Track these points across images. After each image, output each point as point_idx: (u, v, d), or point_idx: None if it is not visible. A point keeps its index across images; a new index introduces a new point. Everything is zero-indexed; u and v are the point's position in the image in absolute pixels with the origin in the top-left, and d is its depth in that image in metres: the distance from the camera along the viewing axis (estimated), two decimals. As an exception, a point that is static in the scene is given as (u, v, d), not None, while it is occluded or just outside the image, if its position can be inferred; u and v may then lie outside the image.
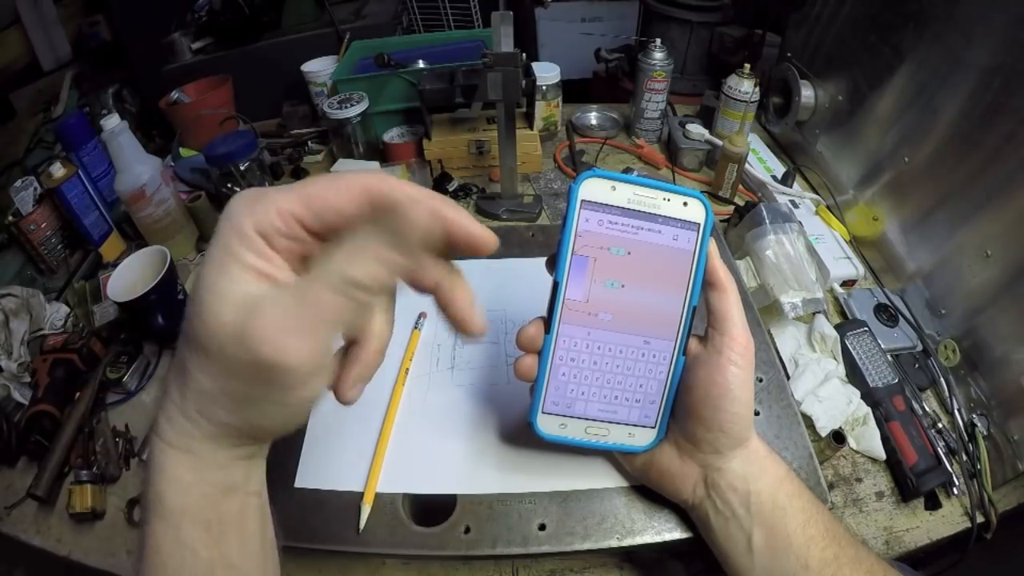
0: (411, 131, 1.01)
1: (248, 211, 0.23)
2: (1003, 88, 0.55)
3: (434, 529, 0.39)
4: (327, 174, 0.25)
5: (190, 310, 0.22)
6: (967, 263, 0.60)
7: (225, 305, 0.21)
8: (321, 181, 0.24)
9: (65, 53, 1.25)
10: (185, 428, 0.23)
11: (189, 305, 0.23)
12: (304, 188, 0.24)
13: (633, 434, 0.37)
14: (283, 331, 0.21)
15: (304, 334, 0.21)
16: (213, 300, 0.21)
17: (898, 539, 0.52)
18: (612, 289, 0.33)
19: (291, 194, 0.23)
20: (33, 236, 0.80)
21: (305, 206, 0.23)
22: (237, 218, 0.23)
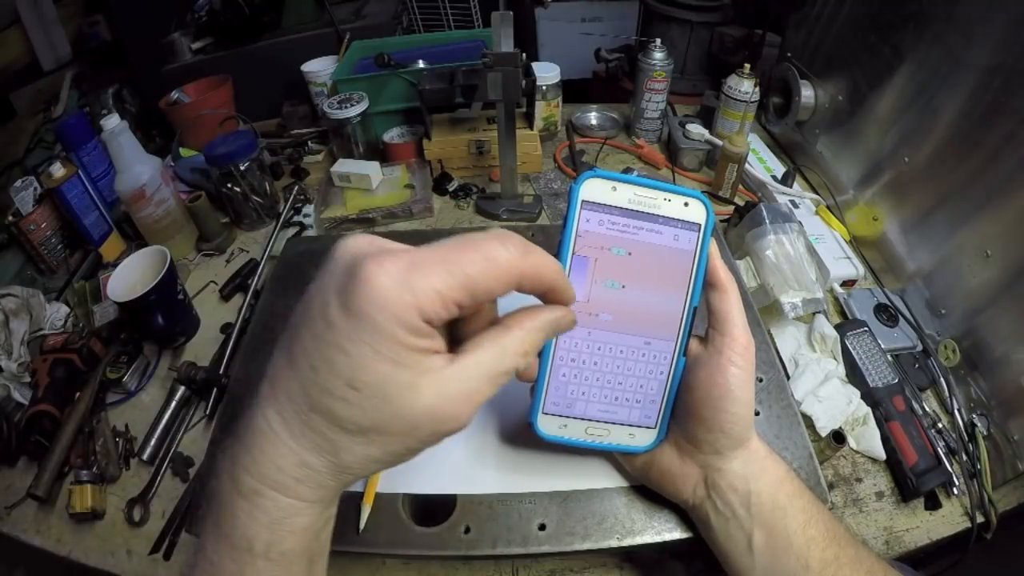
0: (411, 131, 1.01)
1: (410, 299, 0.21)
2: (1003, 88, 0.55)
3: (434, 529, 0.39)
4: (470, 237, 0.23)
5: (352, 397, 0.22)
6: (967, 263, 0.60)
7: (418, 397, 0.23)
8: (475, 260, 0.23)
9: (65, 53, 1.25)
10: (325, 484, 0.24)
11: (346, 391, 0.22)
12: (461, 270, 0.22)
13: (633, 435, 0.37)
14: (466, 406, 0.24)
15: (477, 404, 0.24)
16: (403, 395, 0.22)
17: (898, 539, 0.52)
18: (613, 289, 0.33)
19: (452, 281, 0.22)
20: (33, 236, 0.80)
21: (469, 294, 0.23)
22: (399, 309, 0.21)
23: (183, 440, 0.62)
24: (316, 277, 0.24)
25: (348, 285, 0.22)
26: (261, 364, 0.51)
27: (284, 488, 0.24)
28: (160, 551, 0.53)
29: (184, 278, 0.80)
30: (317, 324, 0.23)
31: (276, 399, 0.23)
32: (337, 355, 0.22)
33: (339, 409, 0.22)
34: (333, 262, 0.24)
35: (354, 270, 0.22)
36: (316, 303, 0.23)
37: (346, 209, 0.88)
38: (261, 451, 0.23)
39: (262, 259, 0.77)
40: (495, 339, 0.25)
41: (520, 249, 0.24)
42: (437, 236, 0.71)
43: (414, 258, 0.22)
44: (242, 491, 0.23)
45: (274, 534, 0.24)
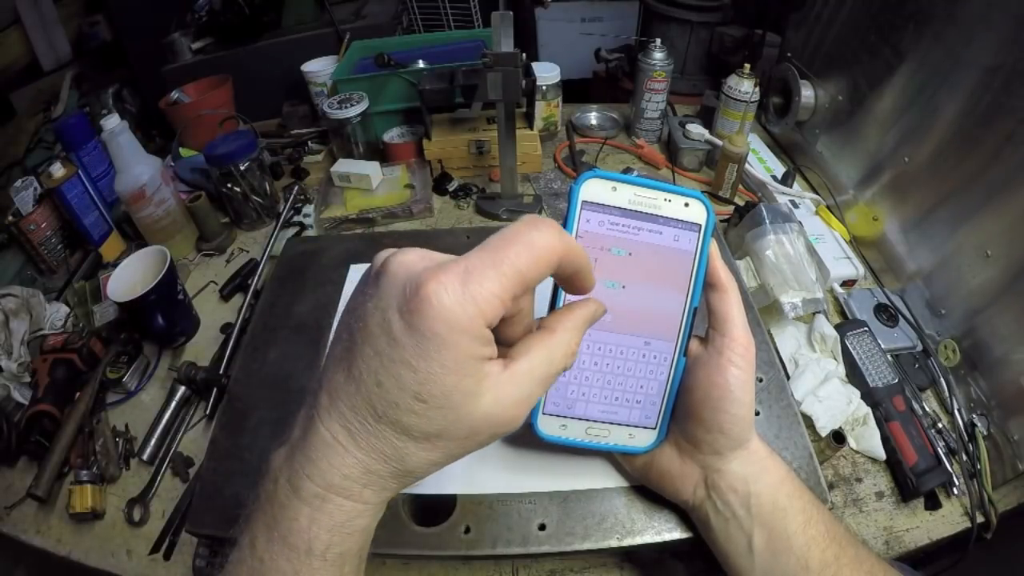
0: (411, 131, 1.01)
1: (473, 310, 0.22)
2: (1003, 88, 0.55)
3: (434, 529, 0.39)
4: (508, 231, 0.24)
5: (419, 408, 0.23)
6: (967, 263, 0.60)
7: (479, 404, 0.24)
8: (520, 253, 0.24)
9: (65, 53, 1.25)
10: (388, 487, 0.26)
11: (413, 403, 0.23)
12: (511, 266, 0.23)
13: (633, 435, 0.37)
14: (522, 408, 0.26)
15: (531, 405, 0.26)
16: (466, 402, 0.24)
17: (898, 539, 0.52)
18: (613, 290, 0.33)
19: (505, 280, 0.23)
20: (33, 236, 0.80)
21: (522, 287, 0.24)
22: (464, 318, 0.22)
23: (183, 440, 0.62)
24: (366, 292, 0.25)
25: (411, 304, 0.22)
26: (261, 364, 0.51)
27: (349, 493, 0.25)
28: (160, 551, 0.53)
29: (184, 278, 0.80)
30: (379, 341, 0.23)
31: (339, 412, 0.24)
32: (404, 371, 0.23)
33: (406, 420, 0.23)
34: (388, 278, 0.24)
35: (414, 289, 0.22)
36: (376, 320, 0.23)
37: (346, 209, 0.88)
38: (327, 461, 0.24)
39: (262, 259, 0.77)
40: (543, 343, 0.27)
41: (554, 230, 0.25)
42: (437, 236, 0.70)
43: (467, 267, 0.23)
44: (304, 497, 0.24)
45: (334, 536, 0.25)
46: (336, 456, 0.24)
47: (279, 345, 0.53)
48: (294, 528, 0.24)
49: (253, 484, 0.42)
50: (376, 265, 0.25)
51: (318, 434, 0.24)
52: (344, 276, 0.59)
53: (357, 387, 0.24)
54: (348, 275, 0.60)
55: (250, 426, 0.47)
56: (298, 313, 0.56)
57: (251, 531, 0.26)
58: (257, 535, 0.25)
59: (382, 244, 0.64)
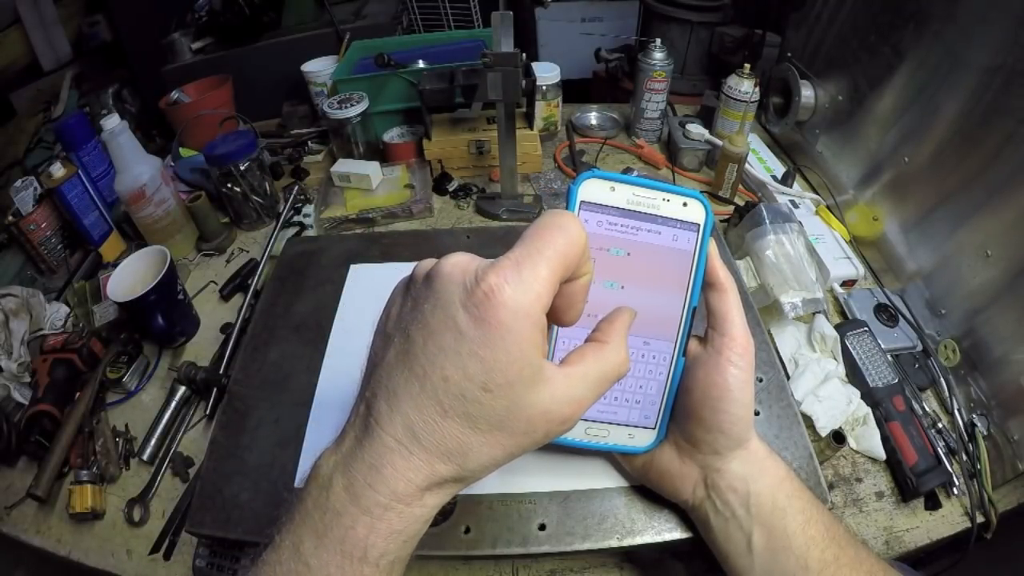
0: (411, 131, 1.01)
1: (532, 296, 0.24)
2: (1003, 88, 0.55)
3: (434, 529, 0.39)
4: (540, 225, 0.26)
5: (485, 399, 0.24)
6: (967, 263, 0.60)
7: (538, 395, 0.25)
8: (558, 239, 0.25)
9: (65, 53, 1.25)
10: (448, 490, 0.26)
11: (480, 393, 0.24)
12: (555, 251, 0.25)
13: (633, 435, 0.37)
14: (576, 409, 0.27)
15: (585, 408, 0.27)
16: (526, 392, 0.25)
17: (898, 539, 0.52)
18: (612, 290, 0.33)
19: (554, 263, 0.24)
20: (33, 236, 0.80)
21: (568, 269, 0.25)
22: (525, 305, 0.24)
23: (183, 440, 0.62)
24: (419, 295, 0.26)
25: (475, 298, 0.24)
26: (261, 364, 0.51)
27: (411, 500, 0.25)
28: (160, 551, 0.53)
29: (184, 278, 0.80)
30: (444, 337, 0.24)
31: (402, 414, 0.25)
32: (471, 362, 0.24)
33: (473, 411, 0.24)
34: (443, 279, 0.25)
35: (475, 283, 0.24)
36: (438, 318, 0.24)
37: (346, 209, 0.88)
38: (391, 467, 0.24)
39: (262, 259, 0.77)
40: (596, 352, 0.28)
41: (576, 218, 0.27)
42: (437, 236, 0.70)
43: (516, 259, 0.24)
44: (365, 506, 0.24)
45: (390, 544, 0.25)
46: (401, 459, 0.24)
47: (279, 345, 0.53)
48: (350, 536, 0.24)
49: (254, 484, 0.43)
50: (421, 272, 0.27)
51: (380, 440, 0.25)
52: (344, 276, 0.59)
53: (422, 385, 0.24)
54: (348, 275, 0.60)
55: (250, 426, 0.47)
56: (298, 313, 0.56)
57: (294, 535, 0.25)
58: (302, 539, 0.25)
59: (382, 244, 0.64)
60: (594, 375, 0.27)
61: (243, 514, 0.42)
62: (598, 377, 0.28)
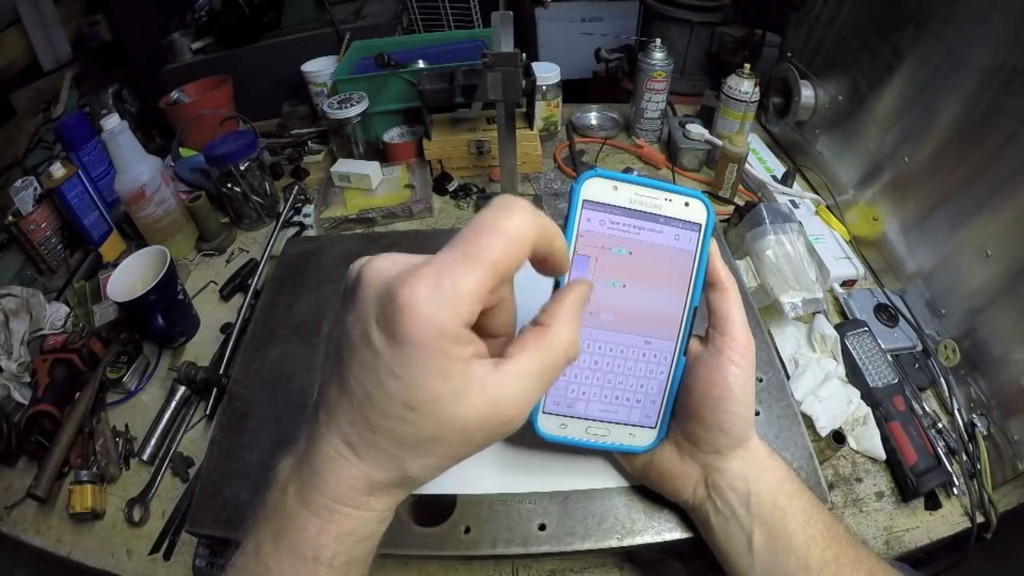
0: (411, 131, 1.01)
1: (448, 311, 0.22)
2: (1003, 88, 0.55)
3: (434, 529, 0.39)
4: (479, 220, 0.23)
5: (409, 416, 0.23)
6: (967, 263, 0.60)
7: (468, 406, 0.23)
8: (493, 244, 0.23)
9: (65, 53, 1.25)
10: (392, 494, 0.26)
11: (403, 411, 0.23)
12: (485, 259, 0.23)
13: (634, 434, 0.37)
14: (518, 408, 0.25)
15: (531, 404, 0.25)
16: (453, 406, 0.23)
17: (898, 539, 0.52)
18: (613, 289, 0.33)
19: (480, 274, 0.22)
20: (33, 236, 0.80)
21: (498, 279, 0.23)
22: (440, 321, 0.22)
23: (183, 440, 0.62)
24: (346, 305, 0.25)
25: (386, 313, 0.22)
26: (261, 364, 0.51)
27: (356, 504, 0.25)
28: (160, 551, 0.53)
29: (184, 278, 0.80)
30: (363, 353, 0.23)
31: (338, 427, 0.24)
32: (388, 380, 0.23)
33: (400, 429, 0.24)
34: (363, 288, 0.24)
35: (389, 296, 0.22)
36: (356, 333, 0.23)
37: (346, 209, 0.88)
38: (333, 474, 0.25)
39: (262, 259, 0.77)
40: (537, 340, 0.26)
41: (526, 212, 0.24)
42: (437, 236, 0.70)
43: (439, 267, 0.22)
44: (313, 508, 0.25)
45: (341, 544, 0.25)
46: (340, 468, 0.25)
47: (279, 345, 0.53)
48: (302, 537, 0.25)
49: (253, 484, 0.43)
50: (351, 276, 0.25)
51: (321, 449, 0.25)
52: (344, 276, 0.59)
53: (350, 401, 0.24)
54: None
55: (250, 426, 0.47)
56: (298, 313, 0.56)
57: (256, 537, 0.26)
58: (263, 542, 0.26)
59: (382, 244, 0.64)
60: (537, 367, 0.25)
61: (243, 514, 0.41)
62: (542, 368, 0.25)
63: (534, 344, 0.26)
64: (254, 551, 0.26)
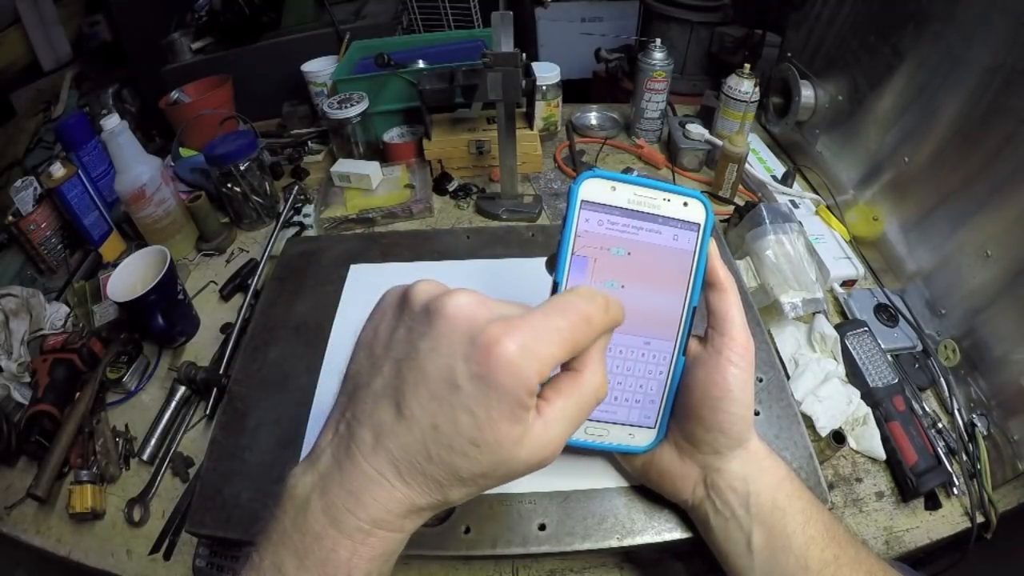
0: (411, 131, 1.01)
1: (536, 368, 0.24)
2: (1003, 88, 0.55)
3: (434, 529, 0.39)
4: (568, 303, 0.27)
5: (472, 452, 0.25)
6: (967, 263, 0.60)
7: (521, 449, 0.25)
8: (579, 326, 0.26)
9: (65, 53, 1.25)
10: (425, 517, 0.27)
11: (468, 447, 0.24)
12: (571, 337, 0.26)
13: (633, 434, 0.37)
14: (556, 448, 0.27)
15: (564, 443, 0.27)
16: (512, 448, 0.25)
17: (898, 539, 0.52)
18: (612, 289, 0.33)
19: (565, 347, 0.26)
20: (33, 236, 0.80)
21: (573, 354, 0.27)
22: (526, 374, 0.24)
23: (183, 440, 0.62)
24: (415, 330, 0.26)
25: (479, 356, 0.24)
26: (261, 364, 0.51)
27: (391, 526, 0.25)
28: (160, 551, 0.53)
29: (184, 278, 0.80)
30: (439, 386, 0.24)
31: (386, 450, 0.25)
32: (463, 416, 0.24)
33: (458, 462, 0.25)
34: (448, 322, 0.25)
35: (486, 342, 0.24)
36: (435, 365, 0.24)
37: (346, 209, 0.88)
38: (371, 496, 0.25)
39: (262, 259, 0.77)
40: (572, 385, 0.28)
41: (603, 306, 0.27)
42: (437, 236, 0.70)
43: (534, 327, 0.25)
44: (346, 531, 0.25)
45: (372, 564, 0.25)
46: (382, 492, 0.25)
47: (279, 345, 0.53)
48: (332, 559, 0.25)
49: (254, 484, 0.43)
50: (420, 299, 0.26)
51: (361, 469, 0.25)
52: (344, 276, 0.59)
53: (409, 427, 0.24)
54: (348, 275, 0.60)
55: (250, 426, 0.47)
56: (298, 313, 0.56)
57: (275, 556, 0.25)
58: (284, 560, 0.25)
59: (382, 244, 0.64)
60: (572, 409, 0.27)
61: (243, 514, 0.42)
62: (577, 410, 0.28)
63: (568, 389, 0.27)
64: (273, 568, 0.25)
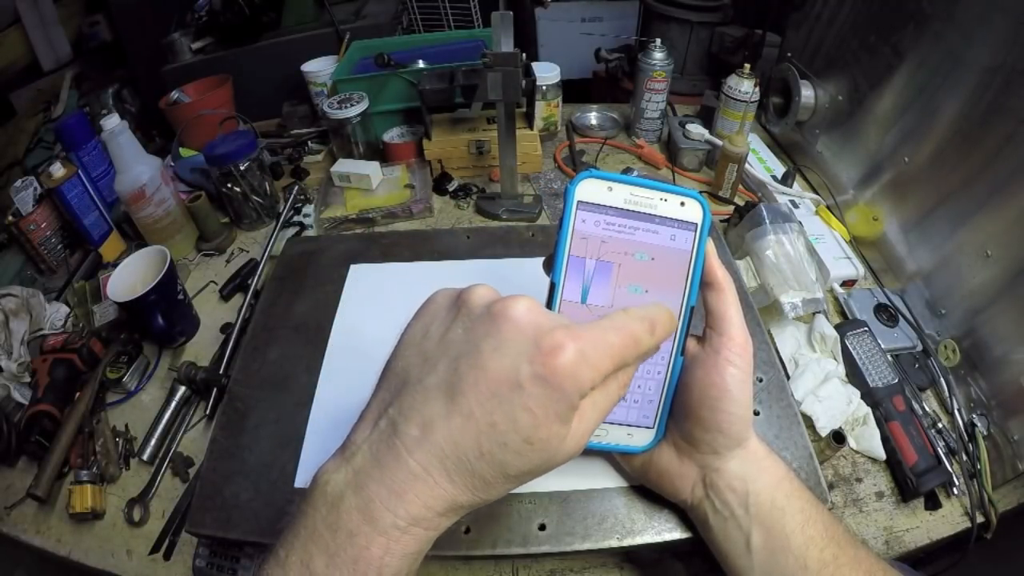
0: (411, 131, 1.01)
1: (590, 375, 0.25)
2: (1003, 88, 0.55)
3: (434, 529, 0.39)
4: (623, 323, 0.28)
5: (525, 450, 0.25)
6: (967, 263, 0.60)
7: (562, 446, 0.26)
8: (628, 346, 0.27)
9: (65, 53, 1.25)
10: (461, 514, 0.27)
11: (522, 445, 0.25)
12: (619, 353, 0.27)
13: (632, 434, 0.37)
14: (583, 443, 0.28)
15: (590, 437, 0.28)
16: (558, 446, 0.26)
17: (898, 539, 0.52)
18: (637, 295, 0.33)
19: (615, 361, 0.27)
20: (33, 236, 0.80)
21: (618, 368, 0.27)
22: (582, 379, 0.25)
23: (183, 440, 0.62)
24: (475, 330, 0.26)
25: (544, 359, 0.25)
26: (261, 364, 0.51)
27: (428, 524, 0.26)
28: (160, 551, 0.53)
29: (184, 278, 0.80)
30: (501, 385, 0.25)
31: (435, 444, 0.25)
32: (522, 415, 0.25)
33: (510, 459, 0.25)
34: (513, 326, 0.26)
35: (547, 344, 0.25)
36: (498, 364, 0.25)
37: (346, 209, 0.88)
38: (414, 493, 0.25)
39: (262, 259, 0.77)
40: (603, 385, 0.28)
41: (650, 329, 0.28)
42: (437, 236, 0.70)
43: (594, 340, 0.26)
44: (381, 528, 0.25)
45: (403, 562, 0.25)
46: (425, 488, 0.25)
47: (279, 345, 0.53)
48: (364, 556, 0.24)
49: (254, 484, 0.43)
50: (480, 301, 0.27)
51: (405, 465, 0.25)
52: (344, 276, 0.59)
53: (464, 424, 0.25)
54: (348, 275, 0.60)
55: (250, 426, 0.47)
56: (298, 313, 0.56)
57: (303, 552, 0.25)
58: (313, 557, 0.25)
59: (382, 244, 0.64)
60: (601, 408, 0.28)
61: (243, 514, 0.42)
62: (603, 410, 0.29)
63: (600, 387, 0.28)
64: (300, 565, 0.25)
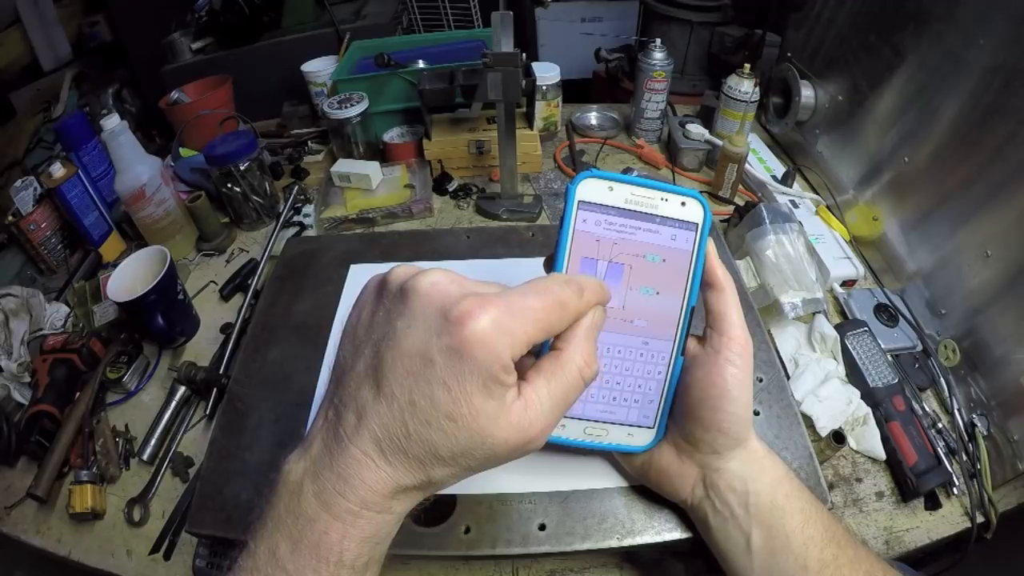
0: (411, 131, 1.01)
1: (508, 342, 0.25)
2: (1003, 88, 0.55)
3: (434, 529, 0.39)
4: (545, 287, 0.27)
5: (448, 427, 0.25)
6: (967, 263, 0.60)
7: (499, 426, 0.25)
8: (553, 309, 0.27)
9: (65, 53, 1.25)
10: (414, 498, 0.27)
11: (444, 422, 0.25)
12: (545, 318, 0.26)
13: (632, 434, 0.37)
14: (540, 430, 0.27)
15: (552, 425, 0.27)
16: (488, 424, 0.25)
17: (898, 539, 0.52)
18: (647, 296, 0.33)
19: (538, 327, 0.26)
20: (33, 236, 0.80)
21: (547, 336, 0.27)
22: (500, 349, 0.24)
23: (183, 440, 0.62)
24: (392, 311, 0.26)
25: (453, 329, 0.24)
26: (261, 364, 0.51)
27: (380, 508, 0.26)
28: (160, 551, 0.53)
29: (184, 278, 0.80)
30: (414, 361, 0.25)
31: (370, 429, 0.25)
32: (438, 390, 0.24)
33: (436, 438, 0.25)
34: (421, 299, 0.25)
35: (459, 314, 0.24)
36: (410, 340, 0.25)
37: (346, 209, 0.88)
38: (359, 478, 0.25)
39: (262, 259, 0.77)
40: (554, 364, 0.28)
41: (577, 291, 0.28)
42: (437, 236, 0.70)
43: (509, 305, 0.25)
44: (337, 513, 0.25)
45: (363, 547, 0.26)
46: (368, 472, 0.25)
47: (279, 345, 0.53)
48: (324, 540, 0.25)
49: (254, 484, 0.43)
50: (396, 281, 0.27)
51: (348, 452, 0.25)
52: (344, 276, 0.59)
53: (388, 405, 0.25)
54: (348, 275, 0.60)
55: (250, 426, 0.47)
56: (298, 313, 0.56)
57: (270, 541, 0.26)
58: (278, 544, 0.25)
59: (382, 244, 0.64)
60: (556, 390, 0.27)
61: (243, 514, 0.42)
62: (561, 390, 0.27)
63: (549, 368, 0.28)
64: (267, 553, 0.25)
